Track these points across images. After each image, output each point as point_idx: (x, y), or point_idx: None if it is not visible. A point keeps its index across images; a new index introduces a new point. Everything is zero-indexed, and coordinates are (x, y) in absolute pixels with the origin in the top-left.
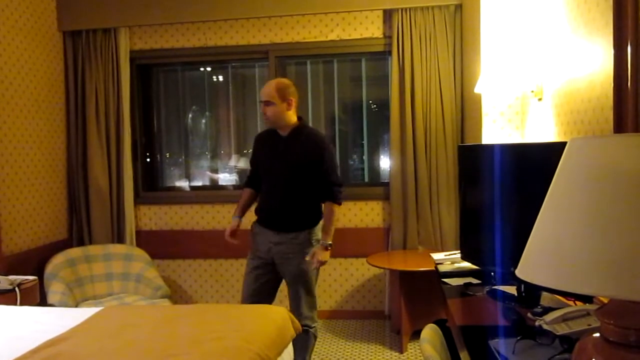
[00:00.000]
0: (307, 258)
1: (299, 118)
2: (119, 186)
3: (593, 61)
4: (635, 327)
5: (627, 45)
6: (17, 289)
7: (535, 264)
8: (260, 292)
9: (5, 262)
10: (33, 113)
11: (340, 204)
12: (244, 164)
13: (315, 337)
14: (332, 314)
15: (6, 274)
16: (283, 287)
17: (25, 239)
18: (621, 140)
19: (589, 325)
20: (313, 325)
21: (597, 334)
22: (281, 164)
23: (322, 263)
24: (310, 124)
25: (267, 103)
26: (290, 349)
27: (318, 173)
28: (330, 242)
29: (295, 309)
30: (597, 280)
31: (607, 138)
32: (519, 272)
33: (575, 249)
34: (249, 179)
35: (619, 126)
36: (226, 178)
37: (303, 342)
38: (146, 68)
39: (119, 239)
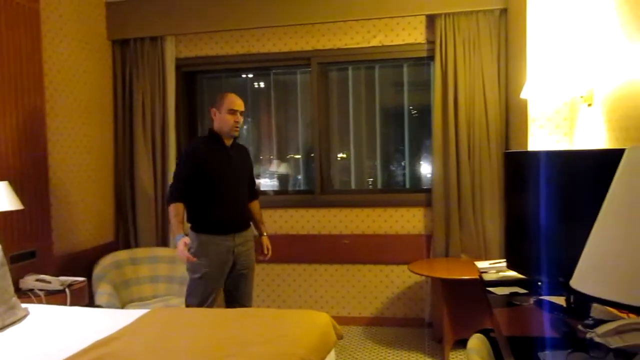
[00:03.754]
0: (266, 252)
1: None
2: (164, 191)
3: None
4: None
5: None
6: (67, 289)
7: (592, 275)
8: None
9: (56, 263)
10: (83, 119)
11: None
12: (285, 169)
13: None
14: (372, 321)
15: (57, 275)
16: (325, 291)
17: (75, 241)
18: None
19: None
20: None
21: None
22: (234, 171)
23: None
24: (351, 130)
25: (243, 114)
26: (332, 355)
27: (251, 176)
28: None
29: (249, 301)
30: None
31: None
32: (574, 283)
33: (636, 260)
34: (184, 192)
35: None
36: (267, 183)
37: None
38: (191, 75)
39: (164, 242)
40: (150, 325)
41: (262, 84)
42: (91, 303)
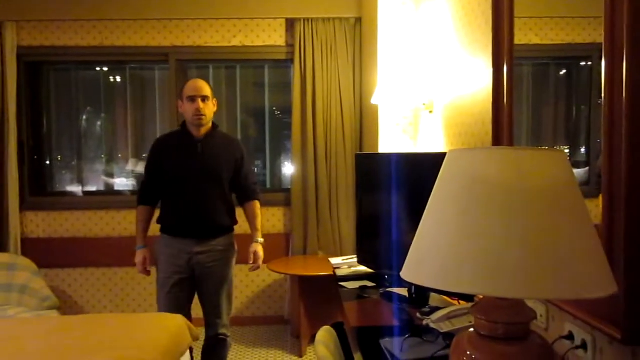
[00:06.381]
0: (251, 260)
1: None
2: (2, 190)
3: (477, 79)
4: (502, 321)
5: (503, 66)
6: None
7: (417, 265)
8: (180, 309)
9: None
10: None
11: (261, 201)
12: (141, 167)
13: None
14: (233, 321)
15: None
16: None
17: None
18: (488, 153)
19: (470, 322)
20: (229, 335)
21: (472, 329)
22: (202, 167)
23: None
24: None
25: (207, 99)
26: (187, 356)
27: (239, 173)
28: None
29: (216, 318)
30: (468, 279)
31: (478, 151)
32: (403, 274)
33: (450, 251)
34: (145, 193)
35: (497, 139)
36: (123, 183)
37: (221, 352)
38: (36, 66)
39: (2, 247)
40: None
41: (117, 79)
42: None
